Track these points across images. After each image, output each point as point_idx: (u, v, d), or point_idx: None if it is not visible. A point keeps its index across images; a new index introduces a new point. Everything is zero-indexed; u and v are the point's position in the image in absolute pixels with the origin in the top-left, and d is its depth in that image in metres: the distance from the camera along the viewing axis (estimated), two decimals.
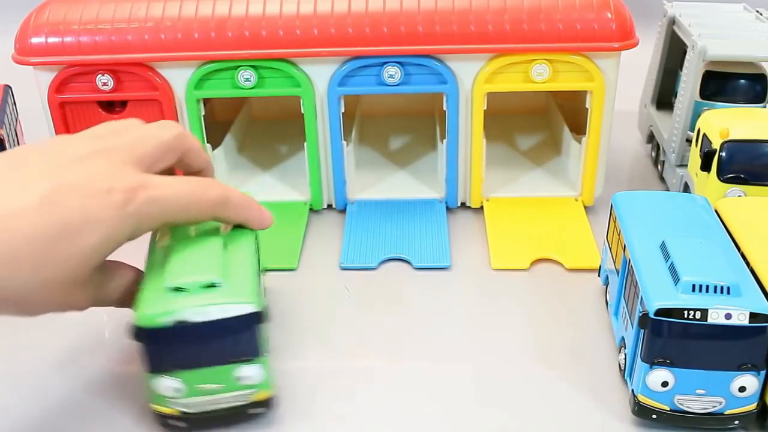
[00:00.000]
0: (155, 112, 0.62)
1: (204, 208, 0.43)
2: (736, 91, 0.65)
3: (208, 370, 0.41)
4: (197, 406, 0.42)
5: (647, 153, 0.78)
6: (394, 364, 0.49)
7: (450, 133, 0.64)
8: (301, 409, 0.45)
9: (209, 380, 0.41)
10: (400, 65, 0.60)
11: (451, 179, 0.66)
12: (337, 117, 0.63)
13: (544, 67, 0.60)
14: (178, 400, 0.42)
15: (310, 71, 0.61)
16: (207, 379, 0.41)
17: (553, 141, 0.77)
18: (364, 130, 0.78)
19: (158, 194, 0.40)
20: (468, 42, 0.59)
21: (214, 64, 0.61)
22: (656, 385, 0.41)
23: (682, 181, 0.64)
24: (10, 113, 0.70)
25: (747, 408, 0.41)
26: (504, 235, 0.62)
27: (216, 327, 0.40)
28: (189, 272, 0.41)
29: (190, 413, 0.42)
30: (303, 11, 0.60)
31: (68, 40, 0.60)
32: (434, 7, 0.60)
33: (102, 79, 0.61)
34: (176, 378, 0.41)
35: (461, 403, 0.46)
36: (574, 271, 0.58)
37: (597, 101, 0.62)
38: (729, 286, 0.40)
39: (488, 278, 0.58)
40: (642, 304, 0.42)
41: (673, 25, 0.72)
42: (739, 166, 0.56)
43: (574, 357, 0.49)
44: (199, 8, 0.60)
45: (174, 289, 0.40)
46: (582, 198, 0.66)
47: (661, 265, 0.43)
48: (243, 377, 0.42)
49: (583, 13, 0.59)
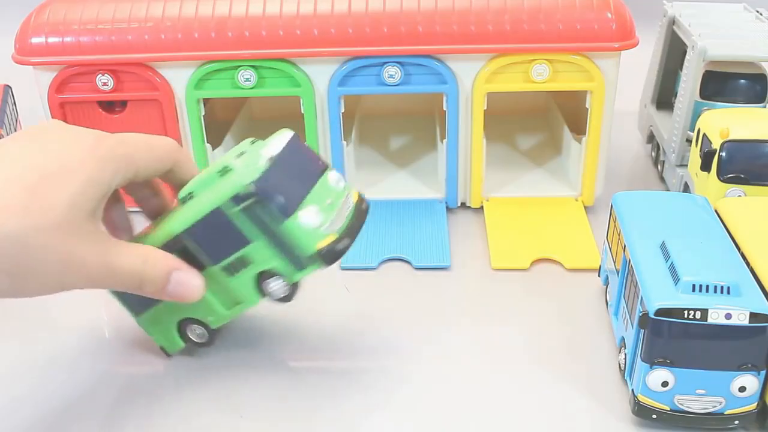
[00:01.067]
0: (155, 112, 0.62)
1: (165, 150, 0.44)
2: (736, 91, 0.65)
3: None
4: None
5: (647, 153, 0.78)
6: (394, 364, 0.49)
7: (450, 133, 0.64)
8: (300, 409, 0.45)
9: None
10: (400, 65, 0.60)
11: (451, 179, 0.66)
12: (337, 117, 0.63)
13: (544, 67, 0.60)
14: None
15: (310, 71, 0.61)
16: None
17: (553, 141, 0.77)
18: (364, 130, 0.78)
19: (123, 138, 0.42)
20: (468, 42, 0.59)
21: (214, 64, 0.61)
22: (656, 385, 0.41)
23: (682, 181, 0.64)
24: (10, 113, 0.70)
25: (747, 408, 0.41)
26: (504, 235, 0.62)
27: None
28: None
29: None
30: (303, 11, 0.60)
31: (68, 40, 0.60)
32: (434, 7, 0.60)
33: (102, 79, 0.61)
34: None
35: (461, 403, 0.46)
36: (574, 271, 0.58)
37: (597, 101, 0.62)
38: (729, 286, 0.40)
39: (488, 278, 0.58)
40: (642, 304, 0.42)
41: (673, 25, 0.72)
42: (739, 166, 0.56)
43: (574, 357, 0.49)
44: (199, 8, 0.60)
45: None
46: (582, 198, 0.66)
47: (661, 265, 0.43)
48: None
49: (583, 13, 0.59)
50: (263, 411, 0.45)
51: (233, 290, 0.45)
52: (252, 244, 0.43)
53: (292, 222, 0.42)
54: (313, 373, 0.48)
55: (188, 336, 0.48)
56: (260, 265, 0.44)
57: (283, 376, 0.48)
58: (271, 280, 0.44)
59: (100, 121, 0.63)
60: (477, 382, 0.47)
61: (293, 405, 0.46)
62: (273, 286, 0.45)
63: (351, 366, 0.49)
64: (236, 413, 0.45)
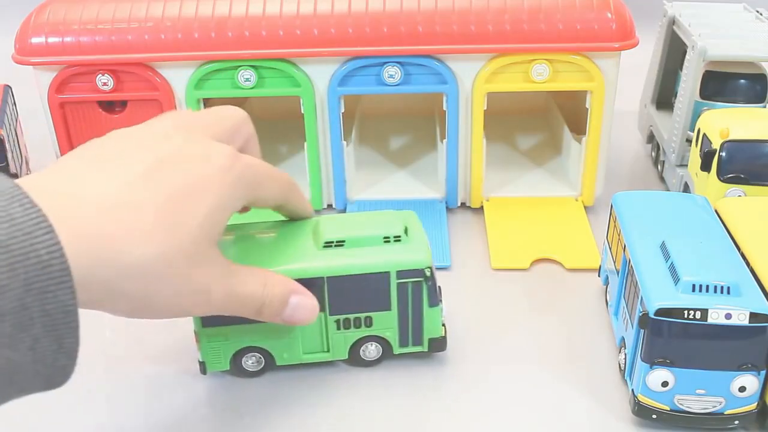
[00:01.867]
0: (155, 112, 0.62)
1: (283, 182, 0.44)
2: (736, 91, 0.65)
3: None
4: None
5: (647, 153, 0.78)
6: (392, 364, 0.49)
7: (450, 133, 0.64)
8: (300, 409, 0.45)
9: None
10: (400, 65, 0.60)
11: (451, 179, 0.66)
12: (337, 117, 0.63)
13: (544, 67, 0.60)
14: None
15: (310, 71, 0.61)
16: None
17: (553, 141, 0.77)
18: (364, 130, 0.78)
19: (251, 161, 0.40)
20: (468, 42, 0.59)
21: (214, 64, 0.61)
22: (656, 385, 0.41)
23: (682, 181, 0.64)
24: (10, 113, 0.70)
25: (747, 408, 0.41)
26: (504, 235, 0.62)
27: None
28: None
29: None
30: (303, 11, 0.60)
31: (68, 40, 0.60)
32: (434, 7, 0.60)
33: (102, 79, 0.61)
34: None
35: (461, 403, 0.46)
36: (574, 271, 0.58)
37: (597, 101, 0.62)
38: (729, 286, 0.40)
39: (488, 278, 0.58)
40: (642, 304, 0.42)
41: (673, 25, 0.72)
42: (739, 166, 0.56)
43: (574, 357, 0.49)
44: (199, 8, 0.60)
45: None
46: (582, 198, 0.66)
47: (661, 265, 0.43)
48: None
49: (583, 13, 0.59)
50: (262, 410, 0.45)
51: (330, 341, 0.47)
52: (388, 312, 0.46)
53: (436, 310, 0.46)
54: (312, 373, 0.48)
55: (241, 362, 0.47)
56: (377, 331, 0.47)
57: (283, 375, 0.48)
58: (371, 345, 0.47)
59: (100, 121, 0.63)
60: (477, 382, 0.47)
61: (292, 405, 0.46)
62: (372, 350, 0.47)
63: (350, 366, 0.49)
64: (236, 412, 0.45)
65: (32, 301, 0.28)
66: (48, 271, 0.29)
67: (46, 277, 0.29)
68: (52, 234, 0.29)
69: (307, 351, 0.47)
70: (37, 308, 0.29)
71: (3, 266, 0.28)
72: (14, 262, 0.28)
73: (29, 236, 0.29)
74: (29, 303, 0.28)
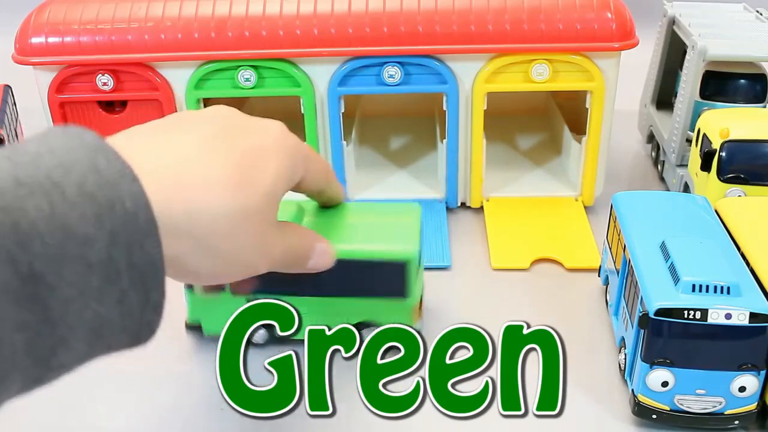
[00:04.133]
0: (155, 112, 0.62)
1: (326, 168, 0.44)
2: (736, 91, 0.65)
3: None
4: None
5: (647, 153, 0.78)
6: None
7: (450, 133, 0.64)
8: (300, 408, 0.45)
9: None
10: (400, 65, 0.60)
11: (451, 179, 0.66)
12: (337, 117, 0.63)
13: (544, 67, 0.60)
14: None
15: (310, 71, 0.61)
16: None
17: (553, 141, 0.77)
18: (364, 130, 0.78)
19: (300, 140, 0.41)
20: (468, 42, 0.59)
21: (214, 64, 0.61)
22: (656, 385, 0.41)
23: (682, 181, 0.64)
24: (10, 113, 0.70)
25: (747, 408, 0.41)
26: (504, 235, 0.62)
27: None
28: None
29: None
30: (303, 11, 0.60)
31: (68, 40, 0.60)
32: (434, 7, 0.60)
33: (102, 79, 0.61)
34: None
35: None
36: (574, 271, 0.58)
37: (597, 101, 0.62)
38: (729, 286, 0.40)
39: (488, 278, 0.58)
40: (642, 304, 0.42)
41: (673, 25, 0.72)
42: (739, 166, 0.56)
43: (574, 357, 0.49)
44: (199, 8, 0.60)
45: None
46: (582, 198, 0.66)
47: (661, 265, 0.43)
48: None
49: (583, 13, 0.59)
50: None
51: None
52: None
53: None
54: None
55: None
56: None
57: None
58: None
59: (100, 121, 0.63)
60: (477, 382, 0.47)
61: None
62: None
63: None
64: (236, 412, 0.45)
65: (119, 253, 0.28)
66: (134, 222, 0.28)
67: (132, 228, 0.28)
68: (137, 184, 0.29)
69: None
70: (124, 260, 0.28)
71: (90, 217, 0.27)
72: (101, 213, 0.27)
73: (115, 187, 0.28)
74: (116, 255, 0.28)
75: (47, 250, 0.26)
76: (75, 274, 0.27)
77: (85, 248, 0.27)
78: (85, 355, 0.29)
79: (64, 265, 0.26)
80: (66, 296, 0.27)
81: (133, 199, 0.28)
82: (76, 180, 0.27)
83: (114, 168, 0.29)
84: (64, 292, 0.27)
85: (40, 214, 0.26)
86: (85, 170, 0.28)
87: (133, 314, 0.29)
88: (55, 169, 0.27)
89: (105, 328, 0.29)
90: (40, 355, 0.27)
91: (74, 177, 0.27)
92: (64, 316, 0.27)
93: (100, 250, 0.27)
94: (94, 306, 0.28)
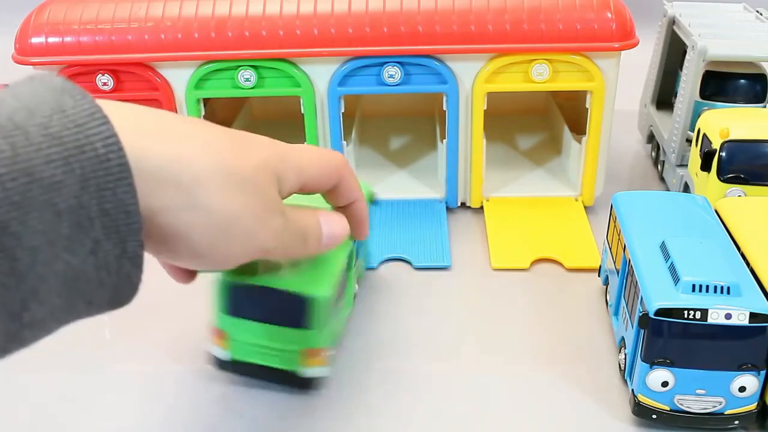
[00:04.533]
0: None
1: (333, 165, 0.41)
2: (736, 91, 0.65)
3: None
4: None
5: (647, 153, 0.78)
6: (393, 364, 0.49)
7: (450, 133, 0.64)
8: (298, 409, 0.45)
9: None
10: (400, 65, 0.60)
11: (451, 179, 0.66)
12: (337, 117, 0.63)
13: (544, 67, 0.60)
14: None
15: (310, 71, 0.61)
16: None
17: (553, 141, 0.77)
18: (364, 130, 0.78)
19: (295, 147, 0.40)
20: (468, 42, 0.59)
21: (214, 64, 0.61)
22: (656, 385, 0.41)
23: (682, 181, 0.64)
24: None
25: (747, 408, 0.41)
26: (504, 235, 0.62)
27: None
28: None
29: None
30: (303, 11, 0.60)
31: (68, 40, 0.60)
32: (434, 7, 0.60)
33: (102, 79, 0.61)
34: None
35: (461, 403, 0.46)
36: (574, 271, 0.58)
37: (597, 101, 0.62)
38: (729, 286, 0.40)
39: (488, 278, 0.58)
40: (642, 304, 0.42)
41: (673, 25, 0.72)
42: (739, 166, 0.56)
43: (574, 357, 0.49)
44: (199, 8, 0.60)
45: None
46: (582, 198, 0.66)
47: (661, 265, 0.43)
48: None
49: (583, 13, 0.59)
50: (262, 410, 0.45)
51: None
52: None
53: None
54: None
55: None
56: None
57: None
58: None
59: None
60: (477, 382, 0.47)
61: (291, 405, 0.46)
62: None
63: (349, 366, 0.49)
64: (236, 412, 0.45)
65: (89, 199, 0.26)
66: (105, 166, 0.27)
67: (103, 172, 0.27)
68: (107, 126, 0.27)
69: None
70: (96, 207, 0.27)
71: (57, 160, 0.25)
72: (69, 155, 0.26)
73: (82, 128, 0.27)
74: (86, 201, 0.26)
75: (9, 195, 0.24)
76: (42, 222, 0.25)
77: (53, 194, 0.25)
78: (61, 311, 0.28)
79: (30, 211, 0.25)
80: (33, 245, 0.25)
81: (104, 142, 0.27)
82: (40, 122, 0.26)
83: (81, 108, 0.27)
84: (31, 241, 0.25)
85: (0, 157, 0.24)
86: (50, 111, 0.26)
87: (110, 266, 0.28)
88: (18, 112, 0.26)
89: (80, 281, 0.27)
90: (10, 309, 0.25)
91: (38, 119, 0.26)
92: (33, 266, 0.25)
93: (69, 195, 0.26)
94: (65, 256, 0.26)
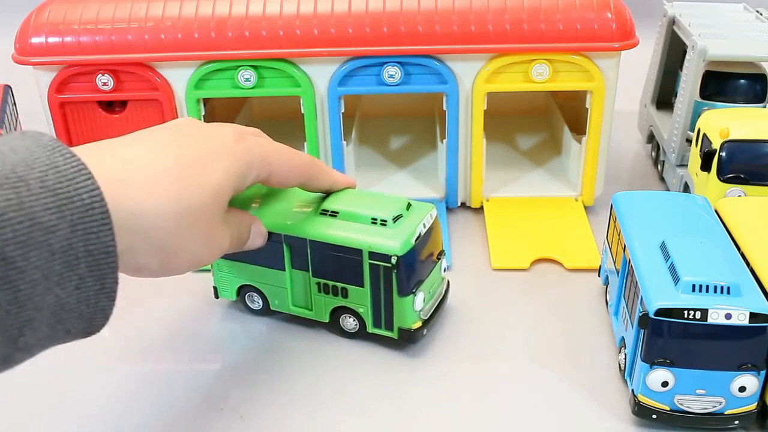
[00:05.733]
0: (155, 112, 0.62)
1: (301, 165, 0.47)
2: (736, 91, 0.65)
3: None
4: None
5: (647, 153, 0.78)
6: (393, 364, 0.49)
7: (450, 133, 0.64)
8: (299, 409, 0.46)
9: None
10: (400, 65, 0.60)
11: (451, 179, 0.66)
12: (337, 117, 0.63)
13: (544, 67, 0.60)
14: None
15: (310, 71, 0.61)
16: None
17: (553, 141, 0.77)
18: (364, 130, 0.78)
19: (262, 141, 0.45)
20: (468, 42, 0.59)
21: (214, 64, 0.61)
22: (656, 385, 0.41)
23: (682, 181, 0.64)
24: (10, 113, 0.70)
25: (747, 408, 0.41)
26: (504, 235, 0.62)
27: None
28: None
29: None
30: (303, 11, 0.60)
31: (68, 40, 0.60)
32: (434, 7, 0.60)
33: (102, 79, 0.61)
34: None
35: (461, 403, 0.46)
36: (574, 271, 0.58)
37: (597, 101, 0.62)
38: (729, 286, 0.40)
39: (488, 278, 0.58)
40: (642, 304, 0.42)
41: (673, 25, 0.72)
42: (739, 166, 0.56)
43: (575, 357, 0.49)
44: (199, 8, 0.60)
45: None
46: (582, 198, 0.66)
47: (661, 265, 0.43)
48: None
49: (583, 13, 0.59)
50: (263, 410, 0.45)
51: (312, 301, 0.51)
52: (361, 289, 0.48)
53: (406, 300, 0.47)
54: (311, 373, 0.48)
55: (245, 298, 0.53)
56: (352, 304, 0.49)
57: (282, 376, 0.48)
58: (349, 317, 0.50)
59: (100, 121, 0.63)
60: (477, 382, 0.47)
61: (291, 405, 0.46)
62: (350, 322, 0.50)
63: (349, 366, 0.49)
64: (236, 413, 0.45)
65: (78, 241, 0.31)
66: (91, 214, 0.31)
67: (89, 219, 0.31)
68: (92, 180, 0.32)
69: (295, 305, 0.51)
70: (82, 248, 0.31)
71: (52, 208, 0.30)
72: (61, 204, 0.31)
73: (72, 182, 0.31)
74: (75, 243, 0.31)
75: (17, 235, 0.29)
76: (41, 259, 0.30)
77: (49, 236, 0.30)
78: (46, 338, 0.32)
79: (32, 250, 0.29)
80: (33, 279, 0.30)
81: (90, 194, 0.32)
82: (38, 175, 0.30)
83: (70, 165, 0.32)
84: (31, 275, 0.29)
85: (9, 204, 0.29)
86: (45, 167, 0.31)
87: (90, 300, 0.32)
88: (19, 165, 0.30)
89: (65, 312, 0.32)
90: (9, 333, 0.30)
91: (36, 173, 0.31)
92: (31, 297, 0.30)
93: (62, 238, 0.30)
94: (56, 290, 0.31)
